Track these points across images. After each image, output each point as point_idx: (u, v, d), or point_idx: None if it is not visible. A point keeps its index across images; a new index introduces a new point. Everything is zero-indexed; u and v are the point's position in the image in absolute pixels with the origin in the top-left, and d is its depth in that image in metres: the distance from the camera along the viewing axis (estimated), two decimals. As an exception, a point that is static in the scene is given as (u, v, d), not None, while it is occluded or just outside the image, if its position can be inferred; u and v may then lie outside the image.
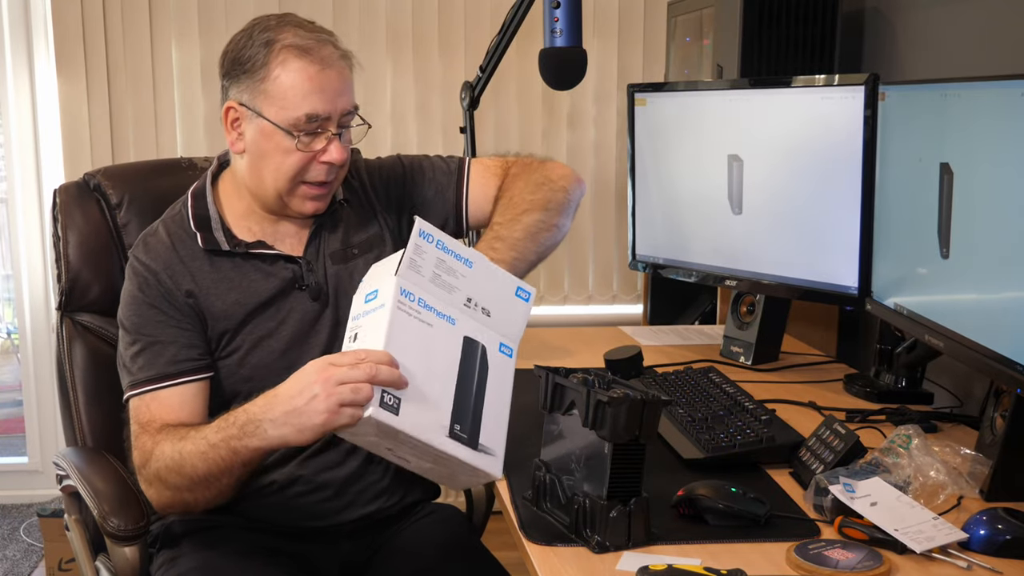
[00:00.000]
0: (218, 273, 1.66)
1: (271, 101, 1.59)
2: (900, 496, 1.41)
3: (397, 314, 1.43)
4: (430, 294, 1.47)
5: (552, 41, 2.12)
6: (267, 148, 1.62)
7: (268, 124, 1.60)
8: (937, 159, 1.66)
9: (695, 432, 1.67)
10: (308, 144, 1.61)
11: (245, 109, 1.62)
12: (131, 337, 1.64)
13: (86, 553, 1.76)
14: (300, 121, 1.59)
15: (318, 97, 1.59)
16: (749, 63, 2.42)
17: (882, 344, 2.02)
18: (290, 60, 1.58)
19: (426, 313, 1.46)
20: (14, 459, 3.68)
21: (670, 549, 1.34)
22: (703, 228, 2.28)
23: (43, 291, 3.44)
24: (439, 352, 1.46)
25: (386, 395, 1.40)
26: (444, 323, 1.47)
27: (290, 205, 1.67)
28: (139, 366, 1.62)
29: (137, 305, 1.65)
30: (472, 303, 1.50)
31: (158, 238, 1.69)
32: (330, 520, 1.69)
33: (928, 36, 2.27)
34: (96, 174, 1.95)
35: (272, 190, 1.64)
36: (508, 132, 3.33)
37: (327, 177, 1.64)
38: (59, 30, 3.15)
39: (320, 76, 1.59)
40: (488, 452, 1.46)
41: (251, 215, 1.70)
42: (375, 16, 3.23)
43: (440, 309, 1.47)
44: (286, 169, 1.62)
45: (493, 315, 1.51)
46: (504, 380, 1.51)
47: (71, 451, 1.83)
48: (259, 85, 1.60)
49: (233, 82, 1.64)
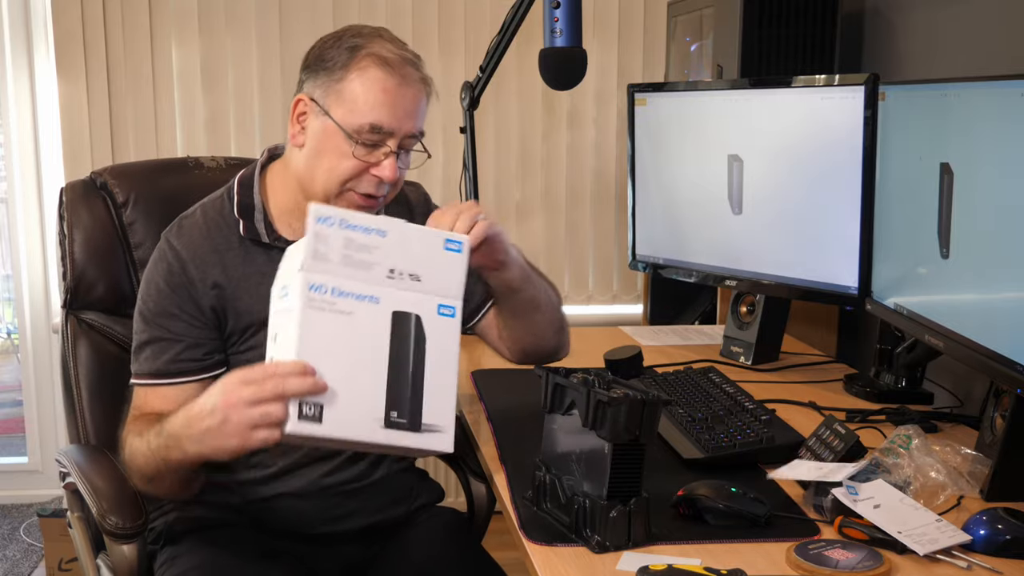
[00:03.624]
0: (251, 266, 1.66)
1: (341, 102, 1.60)
2: (903, 498, 1.41)
3: (308, 314, 1.37)
4: (345, 278, 1.39)
5: (552, 41, 2.12)
6: (326, 147, 1.62)
7: (332, 124, 1.60)
8: (937, 159, 1.67)
9: (695, 432, 1.67)
10: (365, 154, 1.60)
11: (315, 104, 1.62)
12: (143, 325, 1.66)
13: (88, 551, 1.77)
14: (364, 129, 1.59)
15: (387, 111, 1.59)
16: (749, 63, 2.42)
17: (882, 344, 2.02)
18: (370, 68, 1.59)
19: (343, 301, 1.39)
20: (14, 459, 3.68)
21: (670, 549, 1.34)
22: (703, 228, 2.28)
23: (43, 291, 3.44)
24: (365, 338, 1.40)
25: (304, 405, 1.34)
26: (366, 304, 1.40)
27: (335, 206, 1.66)
28: (144, 357, 1.64)
29: (156, 293, 1.65)
30: (396, 272, 1.42)
31: (194, 221, 1.69)
32: (334, 527, 1.70)
33: (928, 36, 2.27)
34: (103, 172, 1.95)
35: (321, 189, 1.64)
36: (508, 132, 3.33)
37: (376, 191, 1.63)
38: (59, 30, 3.15)
39: (395, 91, 1.59)
40: (433, 430, 1.41)
41: (295, 211, 1.68)
42: (375, 16, 3.23)
43: (359, 291, 1.40)
44: (339, 172, 1.61)
45: (424, 278, 1.44)
46: (448, 343, 1.44)
47: (73, 449, 1.83)
48: (335, 84, 1.60)
49: (311, 76, 1.64)
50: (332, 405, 1.36)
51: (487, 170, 3.28)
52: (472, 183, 2.38)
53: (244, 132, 3.24)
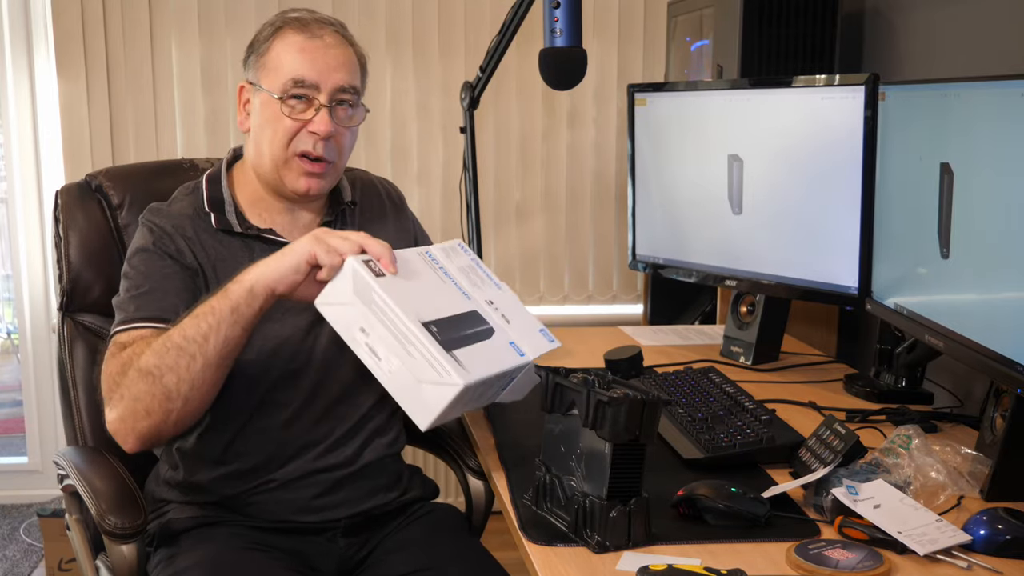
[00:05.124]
0: (228, 251, 1.70)
1: (267, 72, 1.69)
2: (903, 498, 1.41)
3: (411, 252, 1.55)
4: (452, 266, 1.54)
5: (552, 41, 2.12)
6: (265, 118, 1.69)
7: (265, 94, 1.68)
8: (937, 159, 1.66)
9: (695, 432, 1.67)
10: (297, 112, 1.67)
11: (250, 85, 1.72)
12: (133, 283, 1.65)
13: (86, 552, 1.77)
14: (288, 86, 1.66)
15: (307, 65, 1.67)
16: (749, 63, 2.42)
17: (882, 344, 2.02)
18: (288, 34, 1.69)
19: (440, 271, 1.53)
20: (14, 459, 3.68)
21: (670, 549, 1.34)
22: (703, 228, 2.28)
23: (43, 291, 3.44)
24: (444, 295, 1.51)
25: (372, 263, 1.46)
26: (455, 288, 1.53)
27: (285, 181, 1.70)
28: (136, 306, 1.62)
29: (147, 255, 1.67)
30: (494, 306, 1.51)
31: (170, 209, 1.74)
32: (325, 515, 1.70)
33: (928, 36, 2.27)
34: (98, 175, 1.96)
35: (269, 160, 1.70)
36: (508, 132, 3.33)
37: (316, 149, 1.68)
38: (59, 30, 3.15)
39: (309, 45, 1.68)
40: (459, 363, 1.42)
41: (261, 202, 1.75)
42: (375, 16, 3.23)
43: (457, 279, 1.53)
44: (279, 137, 1.68)
45: (513, 324, 1.52)
46: (504, 362, 1.50)
47: (71, 450, 1.83)
48: (260, 59, 1.70)
49: (247, 63, 1.74)
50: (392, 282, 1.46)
51: (487, 170, 3.28)
52: (472, 183, 2.38)
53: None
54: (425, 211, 3.29)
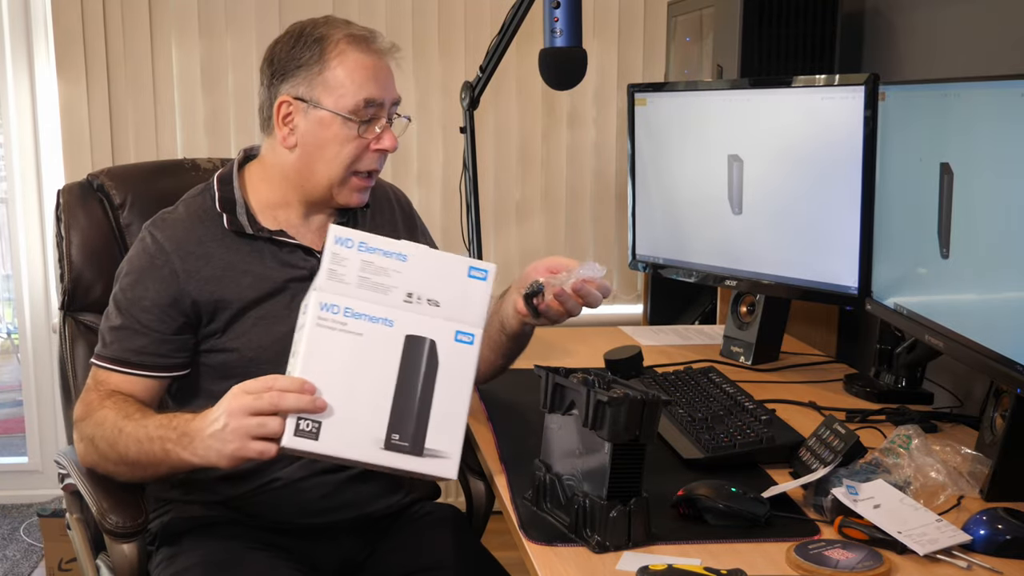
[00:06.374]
0: (235, 256, 1.68)
1: (330, 91, 1.64)
2: (903, 498, 1.41)
3: (316, 331, 1.41)
4: (359, 300, 1.42)
5: (552, 41, 2.12)
6: (325, 137, 1.66)
7: (327, 114, 1.65)
8: (937, 159, 1.66)
9: (695, 432, 1.67)
10: (365, 131, 1.66)
11: (300, 102, 1.66)
12: (115, 310, 1.67)
13: (87, 551, 1.77)
14: (359, 107, 1.64)
15: (375, 84, 1.66)
16: (749, 63, 2.42)
17: (882, 344, 2.02)
18: (348, 51, 1.65)
19: (355, 322, 1.42)
20: (14, 459, 3.68)
21: (670, 549, 1.34)
22: (703, 228, 2.28)
23: (43, 291, 3.44)
24: (375, 360, 1.42)
25: (302, 421, 1.38)
26: (380, 327, 1.43)
27: (338, 197, 1.70)
28: (110, 341, 1.65)
29: (134, 280, 1.66)
30: (414, 297, 1.45)
31: (177, 215, 1.72)
32: (329, 518, 1.70)
33: (928, 36, 2.27)
34: (99, 175, 1.97)
35: (325, 180, 1.68)
36: (508, 132, 3.33)
37: (378, 166, 1.70)
38: (59, 30, 3.15)
39: (376, 64, 1.67)
40: (437, 455, 1.43)
41: (278, 205, 1.72)
42: (375, 17, 3.23)
43: (373, 313, 1.43)
44: (343, 157, 1.66)
45: (444, 304, 1.46)
46: (462, 371, 1.46)
47: (72, 450, 1.82)
48: (316, 77, 1.65)
49: (285, 79, 1.67)
50: (331, 423, 1.39)
51: (487, 170, 3.28)
52: (472, 183, 2.38)
53: (244, 133, 3.24)
54: (425, 211, 3.27)
